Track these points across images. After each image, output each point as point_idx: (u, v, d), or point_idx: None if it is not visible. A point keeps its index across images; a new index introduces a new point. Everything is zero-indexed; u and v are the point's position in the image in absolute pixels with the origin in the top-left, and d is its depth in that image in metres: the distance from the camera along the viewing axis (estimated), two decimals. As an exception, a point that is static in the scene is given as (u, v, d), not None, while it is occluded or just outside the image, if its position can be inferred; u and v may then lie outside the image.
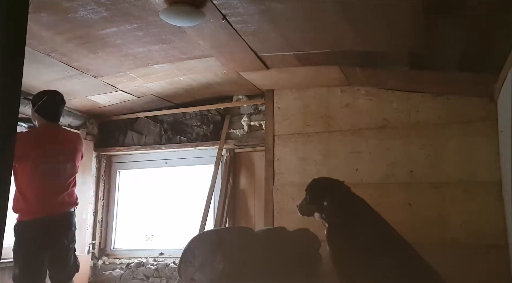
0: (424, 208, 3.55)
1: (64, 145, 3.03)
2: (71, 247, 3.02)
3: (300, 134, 4.07)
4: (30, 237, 2.79)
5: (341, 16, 2.64)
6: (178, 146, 4.66)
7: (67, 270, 3.00)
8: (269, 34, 2.98)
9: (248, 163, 4.53)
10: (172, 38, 3.07)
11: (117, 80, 3.89)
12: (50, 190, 2.90)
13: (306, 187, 2.86)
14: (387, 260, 2.42)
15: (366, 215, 2.62)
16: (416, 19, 2.51)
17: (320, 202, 2.68)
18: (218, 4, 2.56)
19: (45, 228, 2.85)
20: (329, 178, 2.91)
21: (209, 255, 2.66)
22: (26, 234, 2.81)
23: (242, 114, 4.51)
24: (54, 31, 2.91)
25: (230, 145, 4.47)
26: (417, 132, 3.69)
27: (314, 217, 2.77)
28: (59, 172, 2.95)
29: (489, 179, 3.40)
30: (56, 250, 2.93)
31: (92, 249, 4.77)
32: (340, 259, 2.56)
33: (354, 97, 3.94)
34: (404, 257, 2.48)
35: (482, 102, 3.52)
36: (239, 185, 4.51)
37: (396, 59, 3.20)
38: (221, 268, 2.54)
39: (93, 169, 4.88)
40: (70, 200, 3.02)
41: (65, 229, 2.98)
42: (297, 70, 3.67)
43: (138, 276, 4.52)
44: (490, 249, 3.28)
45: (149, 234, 4.84)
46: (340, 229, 2.60)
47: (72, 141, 3.13)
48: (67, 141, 3.08)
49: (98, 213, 4.87)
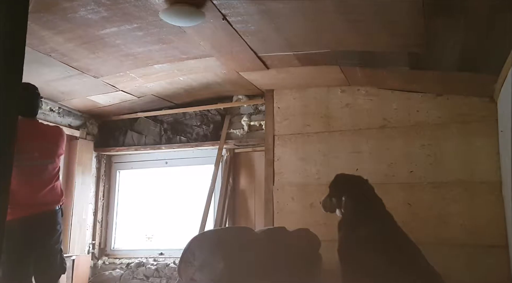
0: (424, 208, 3.55)
1: (42, 141, 2.90)
2: (56, 247, 2.94)
3: (300, 134, 4.07)
4: (12, 237, 2.62)
5: (341, 16, 2.64)
6: (178, 146, 4.66)
7: (52, 271, 2.92)
8: (269, 34, 2.98)
9: (248, 163, 4.53)
10: (172, 38, 3.07)
11: (117, 80, 3.89)
12: (29, 188, 2.80)
13: (330, 183, 2.87)
14: (389, 259, 2.43)
15: (378, 214, 2.64)
16: (416, 19, 2.51)
17: (339, 197, 2.70)
18: (218, 4, 2.56)
19: (28, 227, 2.75)
20: (352, 174, 2.91)
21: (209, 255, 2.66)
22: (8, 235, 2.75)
23: (242, 114, 4.51)
24: (54, 31, 2.91)
25: (230, 145, 4.47)
26: (417, 132, 3.69)
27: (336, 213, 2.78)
28: (38, 169, 2.85)
29: (489, 179, 3.40)
30: (41, 250, 2.85)
31: (92, 249, 4.77)
32: (344, 250, 2.61)
33: (354, 97, 3.94)
34: (406, 258, 2.49)
35: (482, 102, 3.52)
36: (239, 185, 4.51)
37: (396, 59, 3.20)
38: (221, 268, 2.54)
39: (93, 169, 4.88)
40: (53, 197, 2.93)
41: (49, 228, 2.89)
42: (297, 70, 3.67)
43: (138, 276, 4.52)
44: (490, 249, 3.28)
45: (149, 234, 4.85)
46: (350, 223, 2.64)
47: (50, 136, 3.00)
48: (44, 136, 2.94)
49: (98, 213, 4.87)
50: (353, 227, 2.61)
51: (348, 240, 2.62)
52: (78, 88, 4.02)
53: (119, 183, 5.06)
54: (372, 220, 2.60)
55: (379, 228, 2.58)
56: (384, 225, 2.61)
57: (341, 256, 2.61)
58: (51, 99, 4.29)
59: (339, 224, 2.72)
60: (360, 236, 2.55)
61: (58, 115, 4.48)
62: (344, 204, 2.68)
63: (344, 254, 2.61)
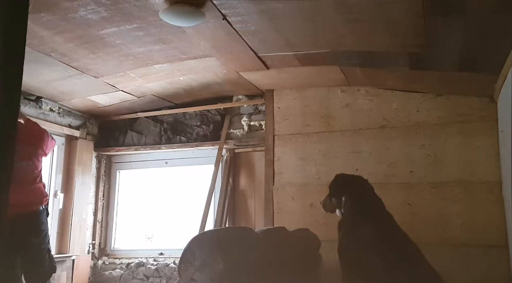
0: (424, 208, 3.55)
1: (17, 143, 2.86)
2: (43, 247, 2.93)
3: (300, 134, 4.07)
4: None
5: (341, 16, 2.64)
6: (178, 146, 4.66)
7: (41, 271, 2.91)
8: (269, 34, 2.98)
9: (248, 163, 4.53)
10: (172, 38, 3.07)
11: (117, 80, 3.89)
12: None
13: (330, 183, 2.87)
14: (388, 259, 2.43)
15: (378, 214, 2.64)
16: (416, 19, 2.51)
17: (339, 196, 2.70)
18: (218, 4, 2.56)
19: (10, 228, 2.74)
20: (352, 174, 2.91)
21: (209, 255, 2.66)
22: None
23: (242, 114, 4.51)
24: (54, 31, 2.91)
25: (230, 145, 4.47)
26: (417, 132, 3.69)
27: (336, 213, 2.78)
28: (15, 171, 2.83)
29: (489, 179, 3.40)
30: (26, 251, 2.84)
31: (92, 249, 4.77)
32: (344, 250, 2.61)
33: (354, 97, 3.94)
34: (406, 258, 2.49)
35: (482, 102, 3.52)
36: (239, 185, 4.51)
37: (396, 59, 3.20)
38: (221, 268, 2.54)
39: (93, 169, 4.88)
40: (35, 198, 2.94)
41: (33, 228, 2.89)
42: (297, 70, 3.67)
43: (138, 276, 4.52)
44: (490, 249, 3.28)
45: (149, 234, 4.85)
46: (350, 223, 2.64)
47: (27, 138, 2.98)
48: (21, 139, 2.88)
49: (98, 213, 4.87)
50: (353, 227, 2.61)
51: (348, 240, 2.62)
52: (78, 88, 4.02)
53: (119, 183, 5.06)
54: (372, 220, 2.60)
55: (379, 228, 2.58)
56: (384, 225, 2.61)
57: (341, 256, 2.61)
58: (51, 99, 4.29)
59: (339, 224, 2.72)
60: (360, 236, 2.55)
61: (58, 115, 4.48)
62: (344, 204, 2.68)
63: (344, 254, 2.61)
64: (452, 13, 2.40)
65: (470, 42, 2.72)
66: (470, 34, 2.60)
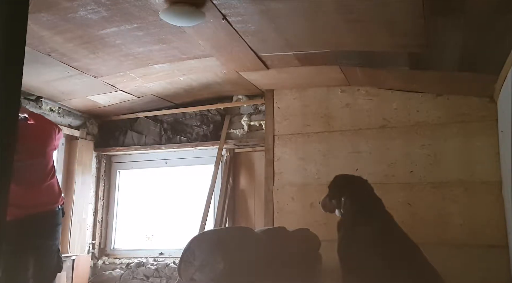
0: (424, 208, 3.55)
1: (24, 142, 2.73)
2: (54, 248, 2.91)
3: (300, 134, 4.07)
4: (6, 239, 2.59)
5: (341, 16, 2.64)
6: (178, 146, 4.66)
7: (49, 270, 2.88)
8: (269, 34, 2.98)
9: (248, 163, 4.53)
10: (172, 38, 3.07)
11: (117, 80, 3.89)
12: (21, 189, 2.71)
13: (329, 183, 2.87)
14: (388, 259, 2.44)
15: (378, 214, 2.65)
16: (416, 19, 2.51)
17: (339, 197, 2.71)
18: (218, 4, 2.56)
19: (23, 229, 2.67)
20: (352, 174, 2.91)
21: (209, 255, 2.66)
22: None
23: (242, 114, 4.51)
24: (54, 31, 2.91)
25: (230, 145, 4.47)
26: (417, 132, 3.69)
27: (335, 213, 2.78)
28: (27, 169, 2.76)
29: (489, 179, 3.40)
30: (38, 252, 2.81)
31: (92, 249, 4.77)
32: (343, 250, 2.61)
33: (354, 97, 3.94)
34: (406, 258, 2.49)
35: (482, 102, 3.52)
36: (239, 185, 4.51)
37: (396, 59, 3.20)
38: (221, 268, 2.54)
39: (93, 169, 4.88)
40: (50, 197, 2.89)
41: (48, 229, 2.85)
42: (297, 70, 3.67)
43: (138, 276, 4.52)
44: (490, 249, 3.28)
45: (149, 234, 4.85)
46: (349, 223, 2.64)
47: (34, 136, 2.91)
48: (27, 137, 2.82)
49: (98, 213, 4.87)
50: (352, 227, 2.62)
51: (348, 240, 2.62)
52: (78, 88, 4.02)
53: (119, 183, 5.06)
54: (371, 220, 2.60)
55: (379, 228, 2.59)
56: (383, 225, 2.61)
57: (341, 256, 2.62)
58: (51, 99, 4.29)
59: (339, 224, 2.72)
60: (359, 236, 2.55)
61: (58, 115, 4.48)
62: (343, 204, 2.68)
63: (344, 254, 2.61)
64: (452, 13, 2.40)
65: (470, 42, 2.72)
66: (470, 34, 2.60)
